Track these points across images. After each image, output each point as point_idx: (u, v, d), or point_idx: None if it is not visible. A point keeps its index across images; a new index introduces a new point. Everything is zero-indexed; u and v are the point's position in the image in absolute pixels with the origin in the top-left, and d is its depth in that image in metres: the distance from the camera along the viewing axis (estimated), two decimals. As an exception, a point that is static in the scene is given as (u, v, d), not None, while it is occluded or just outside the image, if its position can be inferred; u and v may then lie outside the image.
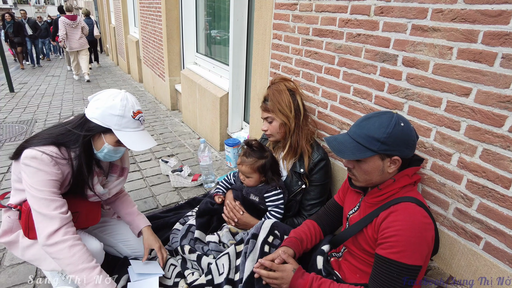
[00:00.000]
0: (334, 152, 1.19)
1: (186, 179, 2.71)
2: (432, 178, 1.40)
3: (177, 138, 3.86)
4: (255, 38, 2.52)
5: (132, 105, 1.39)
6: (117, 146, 1.43)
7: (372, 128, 1.14)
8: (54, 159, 1.31)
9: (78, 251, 1.29)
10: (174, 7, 4.38)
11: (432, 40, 1.31)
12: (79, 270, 1.28)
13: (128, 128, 1.38)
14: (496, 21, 1.10)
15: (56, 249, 1.28)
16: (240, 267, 1.40)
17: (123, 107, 1.36)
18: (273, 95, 1.76)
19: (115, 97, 1.37)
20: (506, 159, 1.14)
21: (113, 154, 1.46)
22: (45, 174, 1.29)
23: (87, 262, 1.30)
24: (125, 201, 1.77)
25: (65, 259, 1.28)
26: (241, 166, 1.77)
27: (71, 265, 1.28)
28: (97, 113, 1.35)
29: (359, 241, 1.28)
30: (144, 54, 6.10)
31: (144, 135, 1.44)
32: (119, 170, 1.66)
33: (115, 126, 1.35)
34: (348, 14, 1.66)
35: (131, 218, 1.72)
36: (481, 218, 1.24)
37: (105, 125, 1.35)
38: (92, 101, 1.39)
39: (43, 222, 1.28)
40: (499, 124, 1.14)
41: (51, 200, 1.29)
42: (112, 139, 1.39)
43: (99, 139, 1.40)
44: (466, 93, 1.22)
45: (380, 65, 1.54)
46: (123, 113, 1.35)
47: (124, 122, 1.36)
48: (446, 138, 1.32)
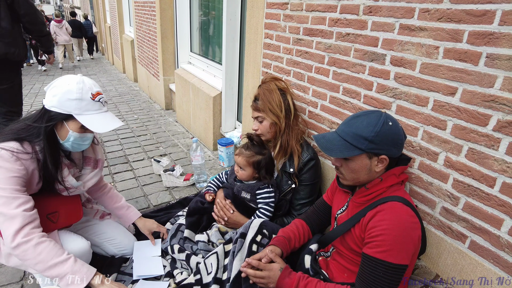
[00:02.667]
0: (322, 150, 1.19)
1: (178, 179, 2.71)
2: (420, 177, 1.41)
3: (171, 137, 3.85)
4: (247, 38, 2.52)
5: (90, 87, 1.35)
6: (83, 133, 1.38)
7: (360, 127, 1.15)
8: (15, 154, 1.25)
9: (45, 248, 1.24)
10: (169, 6, 4.37)
11: (419, 40, 1.31)
12: (50, 267, 1.23)
13: (89, 111, 1.34)
14: (481, 21, 1.11)
15: (20, 250, 1.22)
16: (228, 267, 1.40)
17: (80, 90, 1.32)
18: (264, 94, 1.76)
19: (71, 81, 1.33)
20: (490, 158, 1.14)
21: (81, 142, 1.41)
22: (5, 171, 1.23)
23: (57, 257, 1.25)
24: (112, 196, 1.78)
25: (32, 259, 1.22)
26: (237, 156, 1.78)
27: (40, 263, 1.23)
28: (54, 101, 1.30)
29: (347, 240, 1.28)
30: (139, 53, 6.08)
31: (107, 116, 1.40)
32: (92, 161, 1.61)
33: (75, 110, 1.31)
34: (338, 13, 1.66)
35: (121, 211, 1.73)
36: (467, 217, 1.25)
37: (65, 111, 1.31)
38: (48, 90, 1.35)
39: (5, 223, 1.22)
40: (484, 123, 1.15)
41: (13, 198, 1.22)
42: (75, 125, 1.35)
43: (62, 128, 1.36)
44: (452, 92, 1.23)
45: (369, 64, 1.54)
46: (80, 96, 1.31)
47: (84, 105, 1.32)
48: (433, 137, 1.33)
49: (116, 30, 7.73)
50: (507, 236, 1.13)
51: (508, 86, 1.06)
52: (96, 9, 11.53)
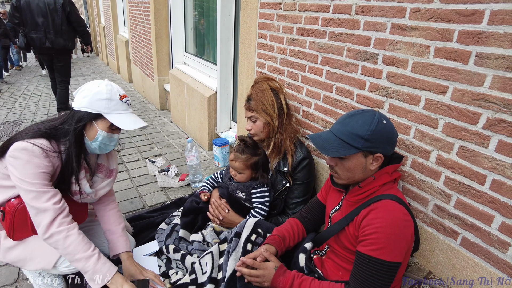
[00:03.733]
0: (319, 149, 1.20)
1: (173, 179, 2.70)
2: (412, 175, 1.42)
3: (166, 138, 3.84)
4: (241, 38, 2.52)
5: (118, 90, 1.44)
6: (111, 132, 1.44)
7: (356, 126, 1.15)
8: (45, 151, 1.31)
9: (73, 242, 1.33)
10: (163, 6, 4.36)
11: (410, 39, 1.33)
12: (76, 260, 1.33)
13: (117, 110, 1.41)
14: (470, 20, 1.12)
15: (52, 240, 1.31)
16: (223, 266, 1.40)
17: (109, 91, 1.40)
18: (256, 94, 1.77)
19: (100, 84, 1.41)
20: (480, 156, 1.16)
21: (108, 142, 1.46)
22: (35, 167, 1.28)
23: (82, 252, 1.34)
24: (112, 215, 1.67)
25: (62, 249, 1.33)
26: (234, 162, 1.77)
27: (69, 255, 1.33)
28: (85, 102, 1.37)
29: (341, 239, 1.29)
30: (134, 54, 6.06)
31: (134, 117, 1.48)
32: (105, 170, 1.64)
33: (104, 110, 1.38)
34: (330, 13, 1.67)
35: (113, 236, 1.62)
36: (458, 214, 1.26)
37: (95, 110, 1.38)
38: (78, 93, 1.42)
39: (38, 216, 1.30)
40: (474, 121, 1.16)
41: (43, 193, 1.29)
42: (104, 124, 1.41)
43: (92, 128, 1.41)
44: (443, 91, 1.24)
45: (361, 64, 1.56)
46: (110, 96, 1.39)
47: (113, 105, 1.40)
48: (425, 136, 1.34)
49: (111, 31, 7.69)
50: (497, 232, 1.14)
51: (497, 85, 1.08)
52: (90, 9, 11.44)
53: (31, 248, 1.44)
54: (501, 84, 1.07)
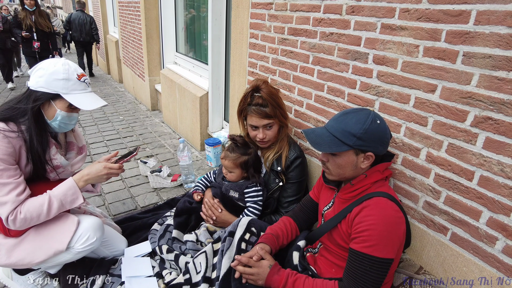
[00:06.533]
0: (311, 144, 1.21)
1: (166, 180, 2.69)
2: (403, 173, 1.44)
3: (157, 138, 3.82)
4: (233, 37, 2.52)
5: (75, 69, 1.42)
6: (70, 112, 1.44)
7: (349, 124, 1.17)
8: (2, 132, 1.29)
9: (28, 211, 1.32)
10: (153, 6, 4.33)
11: (400, 39, 1.35)
12: (48, 215, 1.36)
13: (75, 90, 1.40)
14: (457, 20, 1.15)
15: (17, 226, 1.32)
16: (217, 265, 1.40)
17: (66, 71, 1.38)
18: (271, 99, 1.69)
19: (56, 63, 1.39)
20: (468, 153, 1.19)
21: (67, 121, 1.45)
22: None
23: (41, 207, 1.34)
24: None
25: (32, 223, 1.35)
26: (224, 160, 1.78)
27: (39, 219, 1.36)
28: (41, 81, 1.35)
29: (334, 236, 1.30)
30: (124, 54, 6.01)
31: (93, 96, 1.47)
32: (76, 147, 1.66)
33: (62, 90, 1.37)
34: (321, 13, 1.69)
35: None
36: (448, 210, 1.29)
37: (52, 90, 1.36)
38: (33, 73, 1.39)
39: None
40: (462, 119, 1.19)
41: (3, 185, 1.28)
42: (63, 104, 1.40)
43: (50, 107, 1.40)
44: (432, 89, 1.27)
45: (352, 63, 1.58)
46: (67, 76, 1.37)
47: (70, 85, 1.38)
48: (415, 134, 1.37)
49: (100, 31, 7.61)
50: (485, 227, 1.17)
51: (484, 83, 1.11)
52: (79, 9, 11.28)
53: (36, 236, 1.43)
54: (487, 82, 1.10)
